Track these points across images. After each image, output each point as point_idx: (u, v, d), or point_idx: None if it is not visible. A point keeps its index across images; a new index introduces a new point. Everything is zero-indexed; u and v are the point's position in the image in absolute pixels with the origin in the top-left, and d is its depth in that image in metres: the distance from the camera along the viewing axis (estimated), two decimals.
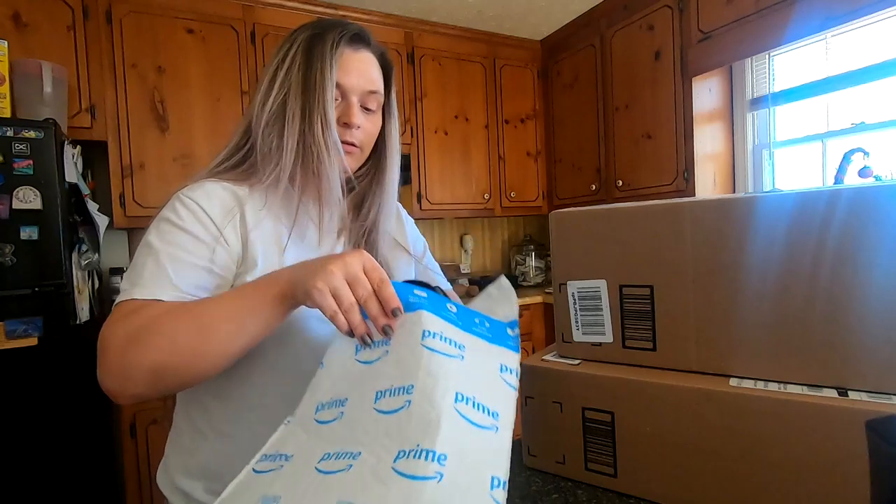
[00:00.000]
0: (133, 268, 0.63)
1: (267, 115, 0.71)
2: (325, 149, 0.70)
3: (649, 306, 0.62)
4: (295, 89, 0.70)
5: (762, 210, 0.54)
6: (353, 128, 0.73)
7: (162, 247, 0.63)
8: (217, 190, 0.69)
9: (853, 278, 0.50)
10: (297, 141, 0.70)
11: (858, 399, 0.49)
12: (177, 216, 0.65)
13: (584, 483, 0.64)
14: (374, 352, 0.51)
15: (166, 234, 0.64)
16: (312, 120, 0.69)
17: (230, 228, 0.68)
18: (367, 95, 0.75)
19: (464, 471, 0.40)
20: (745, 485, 0.53)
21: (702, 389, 0.55)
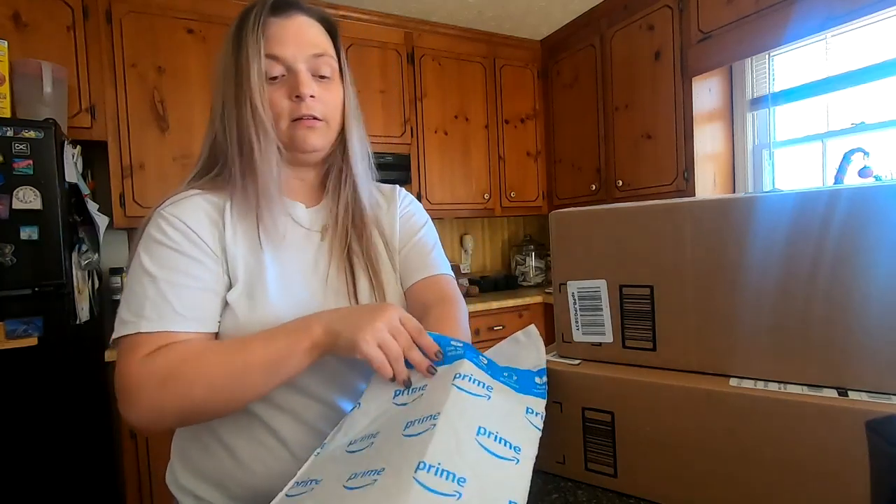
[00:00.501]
0: (132, 296, 0.62)
1: (213, 115, 0.70)
2: (255, 136, 0.66)
3: (649, 306, 0.62)
4: (227, 80, 0.67)
5: (762, 210, 0.54)
6: (304, 99, 0.68)
7: (159, 272, 0.62)
8: (201, 203, 0.67)
9: (853, 278, 0.50)
10: (235, 134, 0.67)
11: (858, 399, 0.48)
12: (167, 237, 0.63)
13: (584, 483, 0.64)
14: (412, 396, 0.55)
15: (161, 258, 0.63)
16: (241, 107, 0.66)
17: (214, 239, 0.66)
18: (314, 61, 0.69)
19: (482, 495, 0.41)
20: (745, 485, 0.53)
21: (702, 389, 0.55)
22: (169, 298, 0.61)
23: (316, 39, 0.70)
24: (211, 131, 0.72)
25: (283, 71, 0.68)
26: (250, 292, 0.66)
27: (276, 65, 0.67)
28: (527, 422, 0.52)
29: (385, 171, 2.59)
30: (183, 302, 0.61)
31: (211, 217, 0.67)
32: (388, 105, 2.58)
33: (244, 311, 0.65)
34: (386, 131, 2.58)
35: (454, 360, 0.56)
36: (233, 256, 0.67)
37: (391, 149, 2.59)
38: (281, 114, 0.68)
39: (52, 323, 1.58)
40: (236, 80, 0.66)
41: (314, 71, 0.69)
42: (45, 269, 1.57)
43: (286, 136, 0.69)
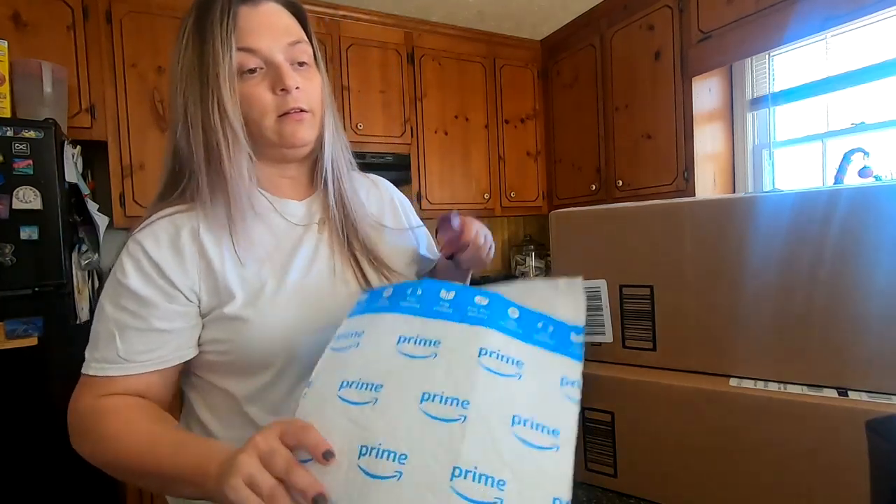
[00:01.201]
0: (92, 333, 0.62)
1: (174, 120, 0.64)
2: (224, 141, 0.61)
3: (649, 306, 0.62)
4: (189, 78, 0.62)
5: (762, 210, 0.54)
6: (291, 91, 0.63)
7: (112, 312, 0.60)
8: (165, 227, 0.62)
9: (853, 278, 0.50)
10: (200, 140, 0.62)
11: (858, 399, 0.48)
12: (122, 273, 0.60)
13: (584, 483, 0.64)
14: (420, 348, 0.48)
15: (116, 297, 0.61)
16: (207, 108, 0.61)
17: (184, 270, 0.61)
18: (291, 50, 0.65)
19: (525, 496, 0.39)
20: (745, 485, 0.53)
21: (702, 389, 0.55)
22: (116, 340, 0.60)
23: (289, 26, 0.65)
24: (172, 139, 0.66)
25: (261, 63, 0.63)
26: (252, 301, 0.63)
27: (251, 57, 0.62)
28: (563, 396, 0.46)
29: (385, 171, 2.59)
30: (127, 343, 0.60)
31: (177, 244, 0.62)
32: (388, 105, 2.58)
33: (252, 320, 0.62)
34: (386, 131, 2.58)
35: (476, 323, 0.49)
36: (220, 274, 0.62)
37: (391, 149, 2.59)
38: (265, 109, 0.64)
39: (52, 323, 1.58)
40: (201, 78, 0.61)
41: (292, 60, 0.65)
42: (45, 269, 1.57)
43: (273, 132, 0.65)
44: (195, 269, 0.62)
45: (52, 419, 1.58)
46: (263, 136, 0.65)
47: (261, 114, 0.64)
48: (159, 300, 0.61)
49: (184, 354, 0.64)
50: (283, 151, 0.68)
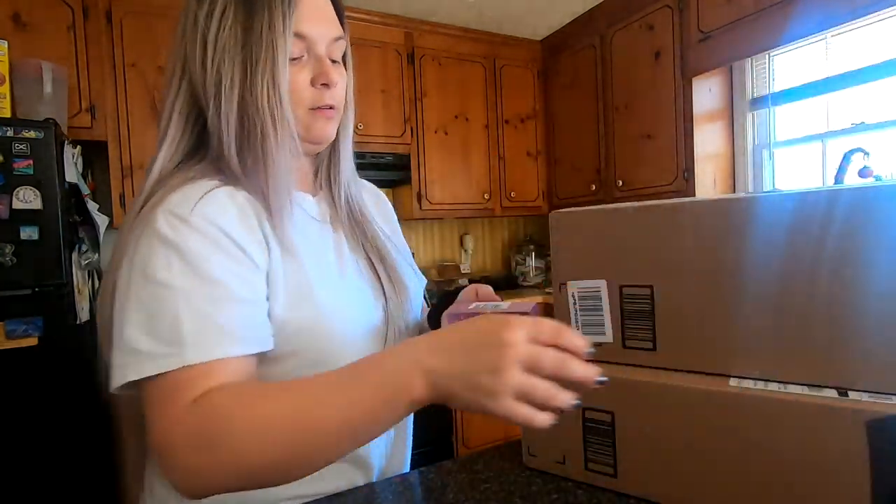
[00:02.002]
0: (156, 318, 0.47)
1: (207, 85, 0.58)
2: (272, 124, 0.57)
3: (649, 306, 0.62)
4: (234, 47, 0.56)
5: (762, 210, 0.54)
6: (332, 87, 0.61)
7: (190, 283, 0.49)
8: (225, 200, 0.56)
9: (853, 278, 0.50)
10: (238, 117, 0.57)
11: (858, 399, 0.48)
12: (192, 241, 0.51)
13: (584, 483, 0.64)
14: None
15: (192, 268, 0.49)
16: (255, 85, 0.56)
17: (258, 250, 0.56)
18: (333, 45, 0.62)
19: None
20: (745, 485, 0.53)
21: (702, 389, 0.55)
22: (213, 315, 0.48)
23: (335, 18, 0.63)
24: (189, 110, 0.60)
25: (304, 52, 0.60)
26: (297, 303, 0.57)
27: (301, 44, 0.59)
28: None
29: (385, 171, 2.59)
30: (232, 318, 0.49)
31: (244, 216, 0.56)
32: (388, 105, 2.58)
33: (297, 324, 0.56)
34: (386, 131, 2.58)
35: None
36: (275, 261, 0.57)
37: (391, 149, 2.59)
38: (300, 100, 0.60)
39: (52, 323, 1.58)
40: (253, 52, 0.56)
41: (330, 54, 0.62)
42: (45, 269, 1.57)
43: (302, 125, 0.61)
44: (261, 247, 0.56)
45: (53, 419, 1.58)
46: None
47: (295, 103, 0.60)
48: (246, 271, 0.53)
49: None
50: (304, 145, 0.64)
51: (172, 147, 0.60)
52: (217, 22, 0.57)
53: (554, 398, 0.39)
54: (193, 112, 0.60)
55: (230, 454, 0.42)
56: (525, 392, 0.39)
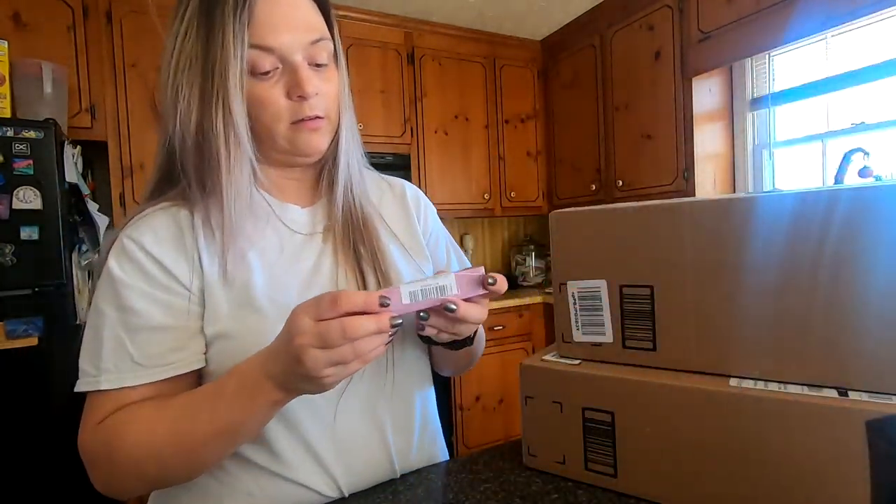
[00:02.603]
0: (91, 341, 0.54)
1: (167, 110, 0.57)
2: (225, 149, 0.55)
3: (649, 306, 0.62)
4: (190, 71, 0.54)
5: (762, 210, 0.54)
6: (308, 98, 0.57)
7: (115, 313, 0.54)
8: (164, 221, 0.57)
9: (853, 278, 0.50)
10: (192, 141, 0.55)
11: (858, 399, 0.48)
12: (123, 269, 0.54)
13: (584, 483, 0.64)
14: None
15: (118, 295, 0.54)
16: (209, 108, 0.54)
17: (187, 269, 0.56)
18: (311, 48, 0.57)
19: None
20: (745, 485, 0.53)
21: (702, 389, 0.55)
22: (127, 345, 0.53)
23: (311, 20, 0.58)
24: (164, 134, 0.60)
25: (276, 63, 0.56)
26: (239, 315, 0.57)
27: (266, 57, 0.55)
28: None
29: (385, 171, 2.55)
30: (140, 347, 0.53)
31: (177, 238, 0.57)
32: (388, 105, 2.58)
33: (236, 337, 0.56)
34: (386, 131, 2.58)
35: None
36: (209, 279, 0.57)
37: (391, 149, 2.59)
38: (278, 115, 0.58)
39: (52, 323, 1.58)
40: (204, 73, 0.54)
41: (311, 60, 0.58)
42: (45, 269, 1.57)
43: (285, 140, 0.60)
44: (191, 266, 0.57)
45: (53, 419, 1.58)
46: (274, 142, 0.60)
47: (273, 119, 0.58)
48: (165, 291, 0.55)
49: (201, 359, 0.57)
50: (293, 159, 0.63)
51: (156, 173, 0.63)
52: (180, 42, 0.55)
53: (360, 355, 0.44)
54: (166, 144, 0.60)
55: (127, 464, 0.51)
56: (333, 363, 0.43)
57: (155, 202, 0.60)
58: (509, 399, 2.62)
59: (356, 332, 0.42)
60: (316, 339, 0.42)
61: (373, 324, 0.43)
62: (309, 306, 0.44)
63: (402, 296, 0.47)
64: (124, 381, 0.53)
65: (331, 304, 0.43)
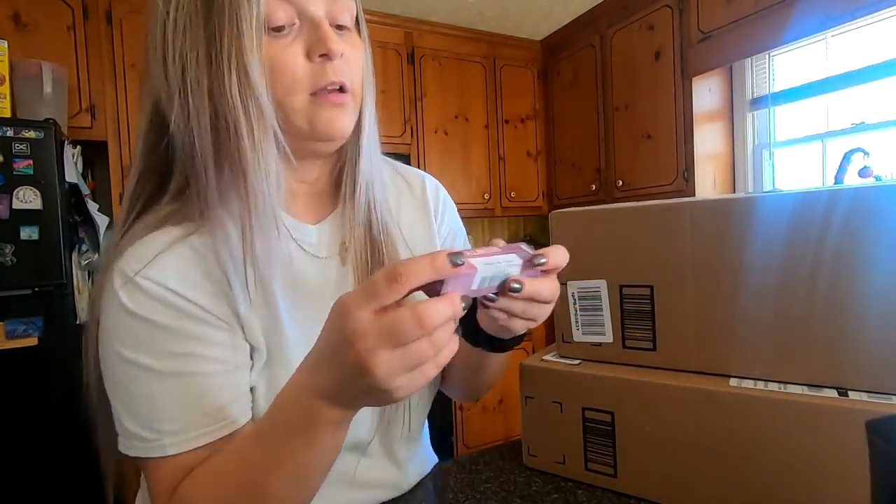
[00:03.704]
0: (135, 399, 0.44)
1: (159, 89, 0.46)
2: (245, 119, 0.44)
3: (649, 306, 0.62)
4: (192, 29, 0.43)
5: (762, 210, 0.54)
6: (334, 58, 0.46)
7: (156, 363, 0.44)
8: (184, 254, 0.46)
9: (853, 278, 0.50)
10: (206, 120, 0.44)
11: (858, 399, 0.48)
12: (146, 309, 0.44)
13: (584, 483, 0.64)
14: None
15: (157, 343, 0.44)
16: (221, 73, 0.43)
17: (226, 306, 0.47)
18: (334, 5, 0.47)
19: None
20: (745, 485, 0.53)
21: (702, 389, 0.55)
22: (191, 398, 0.44)
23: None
24: (149, 121, 0.48)
25: (293, 17, 0.45)
26: (270, 363, 0.49)
27: (283, 6, 0.44)
28: None
29: None
30: (202, 400, 0.44)
31: (206, 276, 0.47)
32: (388, 105, 2.58)
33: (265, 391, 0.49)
34: (386, 131, 2.58)
35: None
36: (247, 318, 0.48)
37: (391, 149, 2.59)
38: (295, 82, 0.46)
39: (52, 323, 1.58)
40: (208, 29, 0.43)
41: (332, 19, 0.48)
42: (45, 269, 1.57)
43: (303, 117, 0.47)
44: (228, 302, 0.48)
45: (53, 419, 1.58)
46: (287, 121, 0.47)
47: (288, 88, 0.46)
48: (212, 330, 0.46)
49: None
50: (312, 145, 0.50)
51: (141, 182, 0.50)
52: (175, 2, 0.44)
53: (436, 353, 0.32)
54: (159, 132, 0.48)
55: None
56: (406, 367, 0.32)
57: (153, 223, 0.48)
58: (509, 399, 2.62)
59: (434, 319, 0.31)
60: (384, 337, 0.31)
61: (448, 307, 0.32)
62: (361, 294, 0.32)
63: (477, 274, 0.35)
64: (192, 441, 0.44)
65: (391, 282, 0.31)
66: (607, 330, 0.65)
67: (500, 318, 0.42)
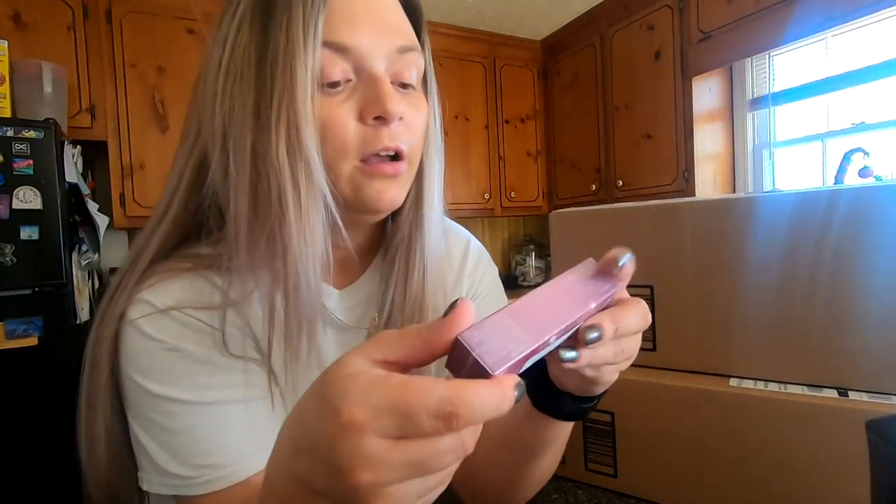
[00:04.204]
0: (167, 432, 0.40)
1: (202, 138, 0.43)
2: (292, 183, 0.38)
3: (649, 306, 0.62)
4: (243, 76, 0.39)
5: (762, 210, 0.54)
6: (391, 121, 0.41)
7: (189, 395, 0.41)
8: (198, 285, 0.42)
9: (853, 278, 0.50)
10: (246, 178, 0.39)
11: (858, 399, 0.48)
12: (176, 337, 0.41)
13: (584, 483, 0.64)
14: None
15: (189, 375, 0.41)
16: (267, 128, 0.38)
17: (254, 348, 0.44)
18: (399, 60, 0.42)
19: None
20: (745, 485, 0.53)
21: (702, 389, 0.55)
22: (232, 428, 0.41)
23: (399, 22, 0.43)
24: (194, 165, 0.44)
25: (349, 73, 0.40)
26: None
27: (339, 61, 0.40)
28: None
29: None
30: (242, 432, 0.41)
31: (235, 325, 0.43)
32: None
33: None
34: None
35: None
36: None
37: None
38: (345, 146, 0.41)
39: (52, 323, 1.58)
40: (261, 80, 0.38)
41: (395, 76, 0.42)
42: (45, 269, 1.57)
43: (349, 185, 0.42)
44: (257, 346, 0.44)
45: (53, 419, 1.58)
46: (335, 188, 0.41)
47: (336, 152, 0.41)
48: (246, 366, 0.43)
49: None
50: (354, 216, 0.44)
51: (171, 225, 0.45)
52: (231, 43, 0.40)
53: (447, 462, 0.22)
54: (199, 176, 0.44)
55: None
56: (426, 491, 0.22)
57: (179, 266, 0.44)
58: None
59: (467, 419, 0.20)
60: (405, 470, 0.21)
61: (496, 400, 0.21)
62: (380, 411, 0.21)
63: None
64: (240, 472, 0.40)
65: (438, 419, 0.20)
66: None
67: (588, 373, 0.33)
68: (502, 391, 0.21)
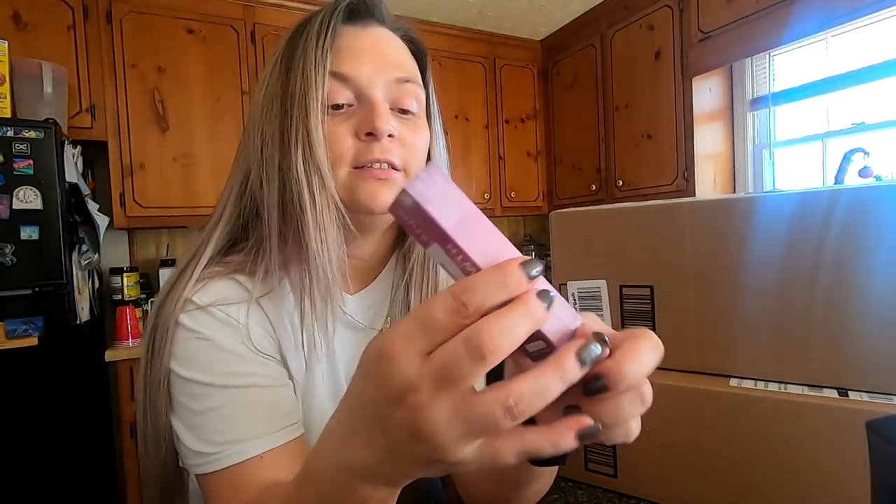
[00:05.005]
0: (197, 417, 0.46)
1: (248, 160, 0.52)
2: (309, 194, 0.47)
3: (649, 306, 0.62)
4: (272, 108, 0.50)
5: (762, 210, 0.54)
6: (380, 137, 0.48)
7: (218, 380, 0.47)
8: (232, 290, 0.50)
9: (853, 278, 0.50)
10: (276, 187, 0.48)
11: (858, 399, 0.48)
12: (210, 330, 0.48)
13: (584, 483, 0.64)
14: None
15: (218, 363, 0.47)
16: (289, 145, 0.47)
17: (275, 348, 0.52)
18: (396, 88, 0.50)
19: None
20: (745, 485, 0.53)
21: (702, 389, 0.55)
22: (254, 408, 0.46)
23: (400, 59, 0.52)
24: (241, 182, 0.53)
25: (352, 99, 0.49)
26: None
27: (342, 88, 0.49)
28: None
29: None
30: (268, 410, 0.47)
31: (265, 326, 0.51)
32: None
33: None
34: None
35: None
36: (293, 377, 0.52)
37: None
38: (341, 156, 0.49)
39: (52, 323, 1.58)
40: (283, 108, 0.48)
41: (395, 102, 0.51)
42: (45, 269, 1.57)
43: (344, 188, 0.49)
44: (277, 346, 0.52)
45: (53, 419, 1.58)
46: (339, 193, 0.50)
47: (335, 161, 0.49)
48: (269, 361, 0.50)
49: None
50: (356, 218, 0.51)
51: (223, 231, 0.53)
52: (266, 81, 0.51)
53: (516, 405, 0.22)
54: (246, 189, 0.53)
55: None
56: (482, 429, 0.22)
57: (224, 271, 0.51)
58: None
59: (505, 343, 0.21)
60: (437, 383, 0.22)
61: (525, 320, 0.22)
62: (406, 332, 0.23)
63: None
64: (266, 444, 0.45)
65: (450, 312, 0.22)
66: None
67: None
68: (503, 271, 0.22)
